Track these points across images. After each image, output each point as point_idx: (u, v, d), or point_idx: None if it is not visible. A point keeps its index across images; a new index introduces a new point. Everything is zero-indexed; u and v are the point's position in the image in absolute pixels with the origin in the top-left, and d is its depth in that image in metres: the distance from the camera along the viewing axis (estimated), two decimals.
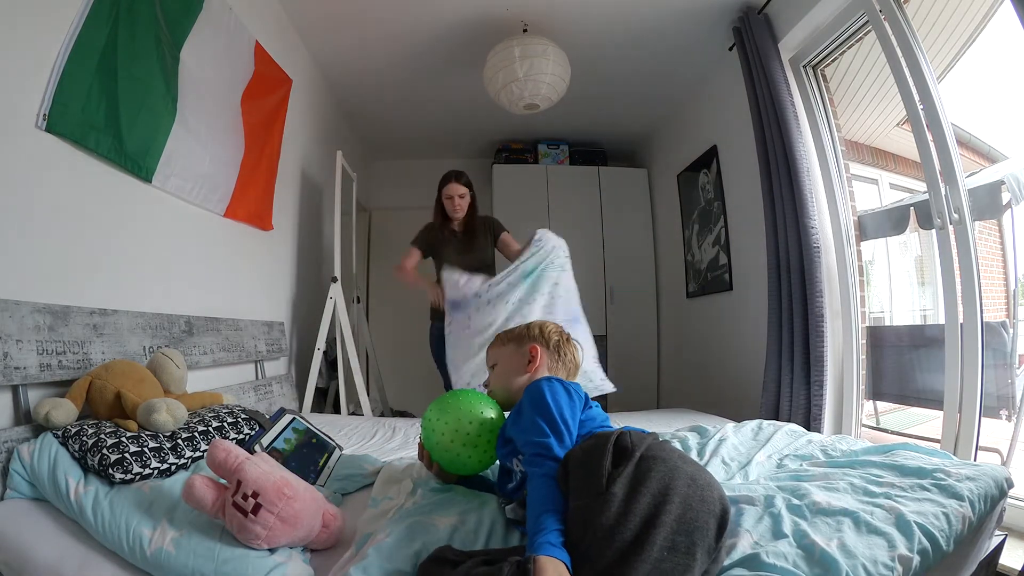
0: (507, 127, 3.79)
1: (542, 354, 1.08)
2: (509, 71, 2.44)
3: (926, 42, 1.76)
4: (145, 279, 1.49)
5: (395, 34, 2.63)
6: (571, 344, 1.13)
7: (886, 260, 2.51)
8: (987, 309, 1.64)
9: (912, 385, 2.18)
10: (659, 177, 3.89)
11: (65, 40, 1.19)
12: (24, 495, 0.96)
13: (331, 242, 2.71)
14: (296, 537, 0.81)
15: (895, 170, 2.48)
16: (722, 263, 2.97)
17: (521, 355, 1.08)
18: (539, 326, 1.14)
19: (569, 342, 1.13)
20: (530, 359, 1.07)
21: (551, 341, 1.10)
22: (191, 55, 1.63)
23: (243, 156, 1.97)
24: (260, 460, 0.86)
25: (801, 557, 0.72)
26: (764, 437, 1.38)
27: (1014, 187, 1.79)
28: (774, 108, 2.19)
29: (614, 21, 2.55)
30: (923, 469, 1.01)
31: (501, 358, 1.12)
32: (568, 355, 1.11)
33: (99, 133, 1.28)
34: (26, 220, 1.12)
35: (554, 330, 1.13)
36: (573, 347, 1.13)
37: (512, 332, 1.15)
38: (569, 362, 1.11)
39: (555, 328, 1.14)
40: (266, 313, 2.29)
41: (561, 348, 1.10)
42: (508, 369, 1.09)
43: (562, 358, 1.10)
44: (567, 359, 1.11)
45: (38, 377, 1.06)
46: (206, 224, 1.83)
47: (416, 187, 4.47)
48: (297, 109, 2.56)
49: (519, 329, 1.15)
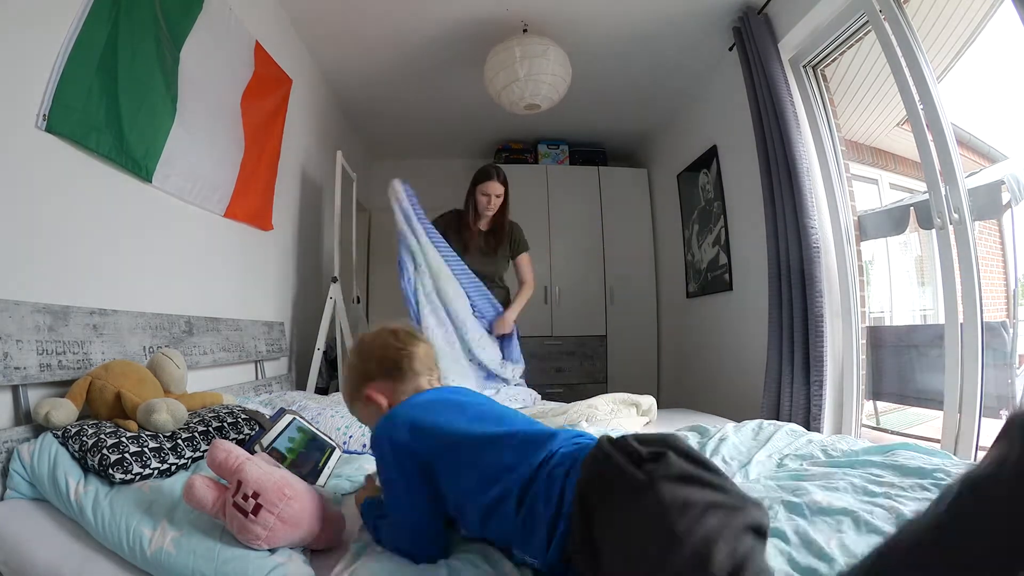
0: (507, 127, 3.79)
1: (382, 389, 0.90)
2: (510, 71, 2.44)
3: (926, 42, 1.76)
4: (145, 279, 1.49)
5: (395, 34, 2.63)
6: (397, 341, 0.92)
7: (886, 260, 2.51)
8: (987, 309, 1.64)
9: (912, 385, 2.18)
10: (659, 177, 3.89)
11: (65, 40, 1.19)
12: (24, 495, 0.96)
13: (331, 242, 2.71)
14: (297, 538, 0.81)
15: (895, 170, 2.48)
16: (722, 263, 2.97)
17: (367, 407, 0.90)
18: (351, 365, 0.94)
19: (392, 343, 0.92)
20: (377, 406, 0.89)
21: (372, 368, 0.91)
22: (191, 55, 1.63)
23: (243, 156, 1.97)
24: (261, 460, 0.86)
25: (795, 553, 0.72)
26: (764, 437, 1.38)
27: (1014, 187, 1.79)
28: (774, 108, 2.19)
29: (614, 21, 2.55)
30: (923, 469, 1.01)
31: (361, 418, 0.96)
32: (404, 360, 0.90)
33: (99, 133, 1.28)
34: (26, 220, 1.12)
35: (370, 347, 0.93)
36: (401, 341, 0.92)
37: (343, 387, 0.97)
38: (412, 363, 0.90)
39: (368, 344, 0.94)
40: (266, 313, 2.29)
41: (390, 363, 0.90)
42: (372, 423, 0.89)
43: (402, 370, 0.90)
44: (406, 364, 0.90)
45: (38, 377, 1.06)
46: (206, 224, 1.83)
47: (416, 187, 4.46)
48: (297, 109, 2.56)
49: (344, 380, 0.97)
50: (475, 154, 4.30)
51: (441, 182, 4.48)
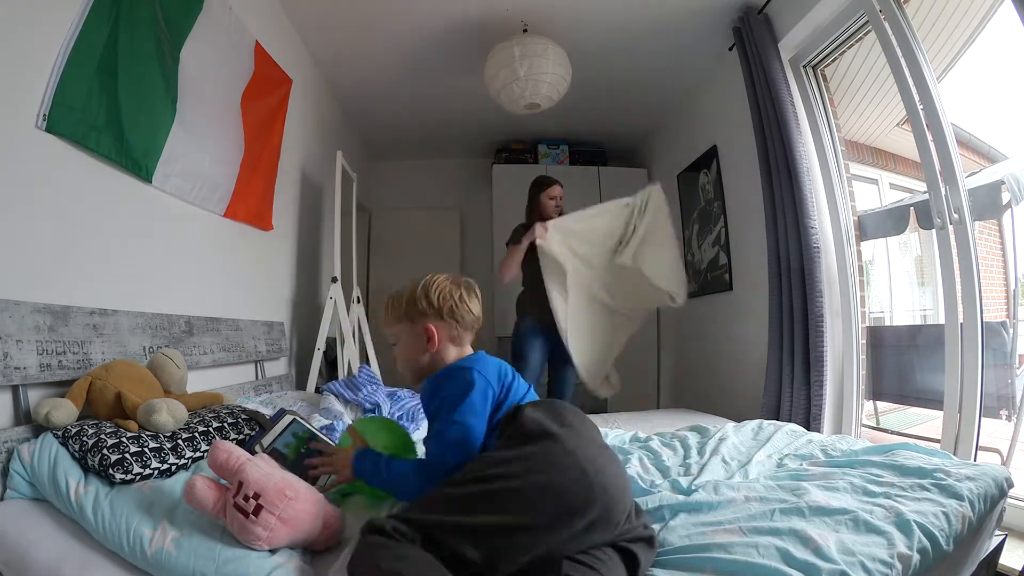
0: (507, 127, 3.79)
1: (438, 330, 1.01)
2: (509, 71, 2.43)
3: (926, 42, 1.76)
4: (145, 279, 1.49)
5: (395, 34, 2.63)
6: (467, 299, 1.03)
7: (886, 260, 2.51)
8: (987, 309, 1.64)
9: (912, 385, 2.18)
10: (659, 177, 3.88)
11: (65, 40, 1.19)
12: (24, 495, 0.96)
13: (331, 242, 2.71)
14: (297, 538, 0.81)
15: (895, 170, 2.49)
16: (722, 263, 2.97)
17: (417, 335, 1.01)
18: (425, 293, 1.02)
19: (464, 299, 1.03)
20: (427, 338, 1.01)
21: (444, 310, 1.01)
22: (191, 55, 1.63)
23: (243, 156, 1.97)
24: (261, 461, 0.86)
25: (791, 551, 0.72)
26: (764, 437, 1.38)
27: (1014, 187, 1.79)
28: (774, 108, 2.19)
29: (614, 21, 2.55)
30: (923, 469, 1.01)
31: (399, 337, 1.05)
32: (466, 315, 1.02)
33: (99, 133, 1.28)
34: (26, 220, 1.12)
35: (444, 292, 1.02)
36: (469, 301, 1.03)
37: (401, 303, 1.04)
38: (470, 322, 1.03)
39: (444, 288, 1.03)
40: (266, 313, 2.29)
41: (456, 312, 1.01)
42: (409, 349, 1.03)
43: (461, 322, 1.02)
44: (466, 320, 1.02)
45: (38, 377, 1.06)
46: (206, 224, 1.83)
47: (416, 187, 4.48)
48: (297, 109, 2.56)
49: (407, 297, 1.04)
50: (475, 154, 4.30)
51: (441, 182, 4.50)
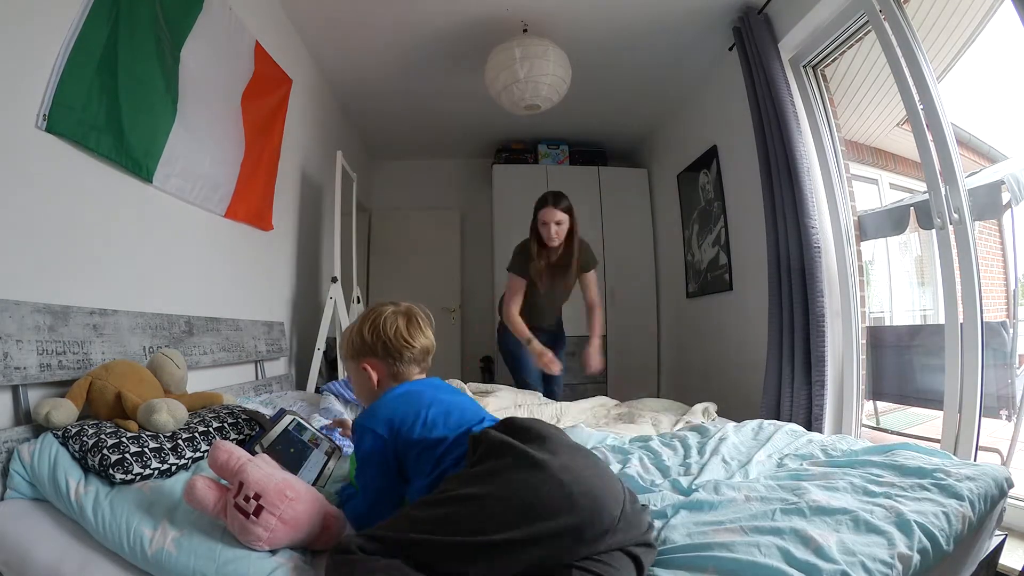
0: (507, 127, 3.79)
1: (374, 368, 1.00)
2: (510, 72, 2.43)
3: (926, 42, 1.76)
4: (145, 279, 1.49)
5: (395, 34, 2.63)
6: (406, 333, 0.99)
7: (886, 260, 2.51)
8: (987, 309, 1.64)
9: (912, 385, 2.18)
10: (659, 177, 3.89)
11: (65, 40, 1.19)
12: (24, 495, 0.96)
13: (331, 242, 2.71)
14: (298, 539, 0.81)
15: (895, 170, 2.49)
16: (722, 263, 2.97)
17: (360, 372, 1.01)
18: (361, 330, 1.00)
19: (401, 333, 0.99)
20: (368, 376, 1.00)
21: (378, 347, 0.99)
22: (191, 55, 1.63)
23: (243, 156, 1.97)
24: (262, 462, 0.86)
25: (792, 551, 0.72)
26: (764, 436, 1.38)
27: (1014, 187, 1.79)
28: (774, 108, 2.19)
29: (614, 21, 2.55)
30: (923, 469, 1.01)
31: (350, 373, 1.06)
32: (404, 350, 0.98)
33: (99, 133, 1.28)
34: (26, 220, 1.12)
35: (380, 328, 0.99)
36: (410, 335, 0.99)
37: (348, 338, 1.04)
38: (411, 357, 0.99)
39: (380, 323, 0.99)
40: (266, 313, 2.29)
41: (391, 348, 0.98)
42: (358, 386, 1.05)
43: (399, 358, 0.99)
44: (405, 356, 0.99)
45: (38, 377, 1.06)
46: (206, 224, 1.83)
47: (416, 187, 4.48)
48: (297, 109, 2.56)
49: (351, 334, 1.03)
50: (475, 154, 4.30)
51: (441, 182, 4.51)
